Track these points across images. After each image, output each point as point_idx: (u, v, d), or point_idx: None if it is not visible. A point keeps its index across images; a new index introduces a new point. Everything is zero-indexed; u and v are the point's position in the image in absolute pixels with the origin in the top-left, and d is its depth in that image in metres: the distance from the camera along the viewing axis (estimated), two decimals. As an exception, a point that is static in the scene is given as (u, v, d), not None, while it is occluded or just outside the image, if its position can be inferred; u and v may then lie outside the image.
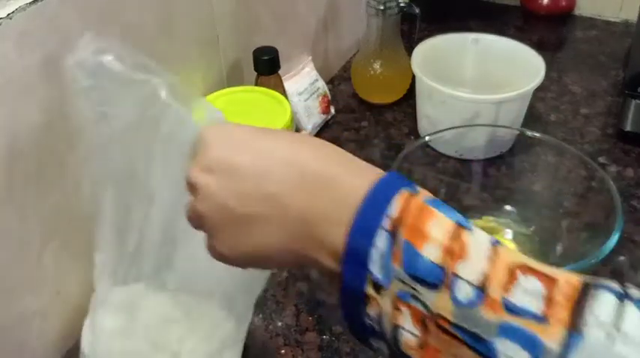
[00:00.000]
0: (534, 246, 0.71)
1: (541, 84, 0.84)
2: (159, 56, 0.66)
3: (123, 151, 0.48)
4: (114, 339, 0.54)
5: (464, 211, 0.72)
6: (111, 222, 0.51)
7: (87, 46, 0.43)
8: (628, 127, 0.88)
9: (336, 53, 1.07)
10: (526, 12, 1.24)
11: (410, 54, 0.90)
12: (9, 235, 0.54)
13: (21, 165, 0.54)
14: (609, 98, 0.99)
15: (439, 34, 0.93)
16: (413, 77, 0.91)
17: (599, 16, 1.21)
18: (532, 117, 0.92)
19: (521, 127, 0.85)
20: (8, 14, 0.49)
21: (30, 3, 0.50)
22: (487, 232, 0.35)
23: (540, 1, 1.21)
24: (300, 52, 0.94)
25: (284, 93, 0.80)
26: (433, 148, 0.75)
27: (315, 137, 0.42)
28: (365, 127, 0.95)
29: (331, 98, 0.97)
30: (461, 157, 0.80)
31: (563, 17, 1.22)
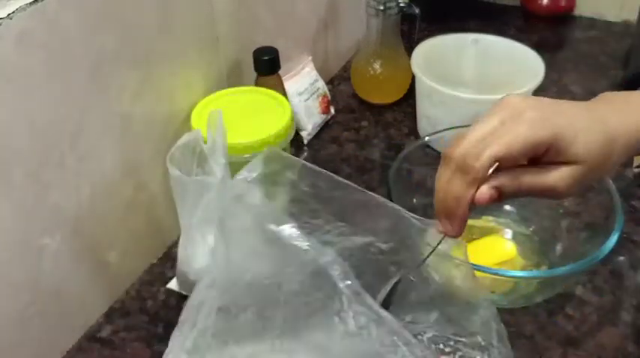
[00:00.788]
0: (534, 246, 0.71)
1: (541, 84, 0.84)
2: (159, 56, 0.67)
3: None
4: None
5: (464, 211, 0.73)
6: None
7: None
8: (628, 127, 0.88)
9: (336, 53, 1.07)
10: (526, 12, 1.24)
11: (410, 54, 0.90)
12: (9, 235, 0.55)
13: (21, 165, 0.54)
14: (609, 98, 0.99)
15: (439, 34, 0.93)
16: (413, 77, 0.91)
17: (599, 16, 1.21)
18: (532, 117, 0.91)
19: (521, 127, 0.85)
20: (8, 14, 0.49)
21: (30, 3, 0.50)
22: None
23: (540, 2, 1.21)
24: (300, 52, 0.94)
25: (284, 93, 0.80)
26: (433, 148, 0.75)
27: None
28: (365, 127, 0.96)
29: (331, 98, 0.97)
30: (461, 157, 0.80)
31: (563, 17, 1.22)
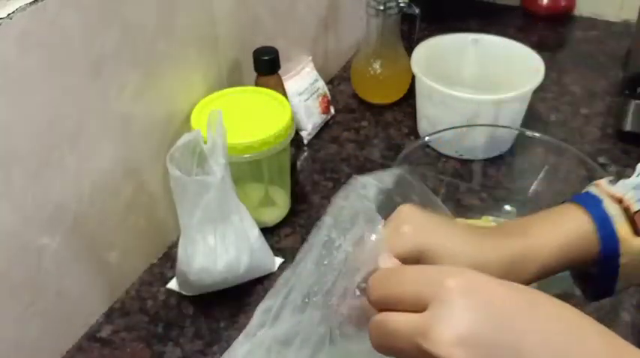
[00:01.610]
0: (534, 246, 0.71)
1: (541, 84, 0.84)
2: (159, 56, 0.67)
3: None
4: None
5: (464, 211, 0.74)
6: None
7: None
8: (627, 127, 0.88)
9: (336, 53, 1.07)
10: (526, 12, 1.24)
11: (410, 54, 0.90)
12: (9, 235, 0.54)
13: (21, 165, 0.54)
14: (609, 98, 0.99)
15: (439, 34, 0.93)
16: (413, 77, 0.91)
17: (599, 16, 1.21)
18: (532, 117, 0.92)
19: (520, 127, 0.85)
20: (8, 14, 0.49)
21: (30, 3, 0.50)
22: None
23: (540, 2, 1.21)
24: (300, 52, 0.94)
25: (284, 93, 0.80)
26: (433, 148, 0.75)
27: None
28: (365, 127, 0.95)
29: (331, 98, 0.97)
30: (461, 157, 0.80)
31: (563, 17, 1.22)
